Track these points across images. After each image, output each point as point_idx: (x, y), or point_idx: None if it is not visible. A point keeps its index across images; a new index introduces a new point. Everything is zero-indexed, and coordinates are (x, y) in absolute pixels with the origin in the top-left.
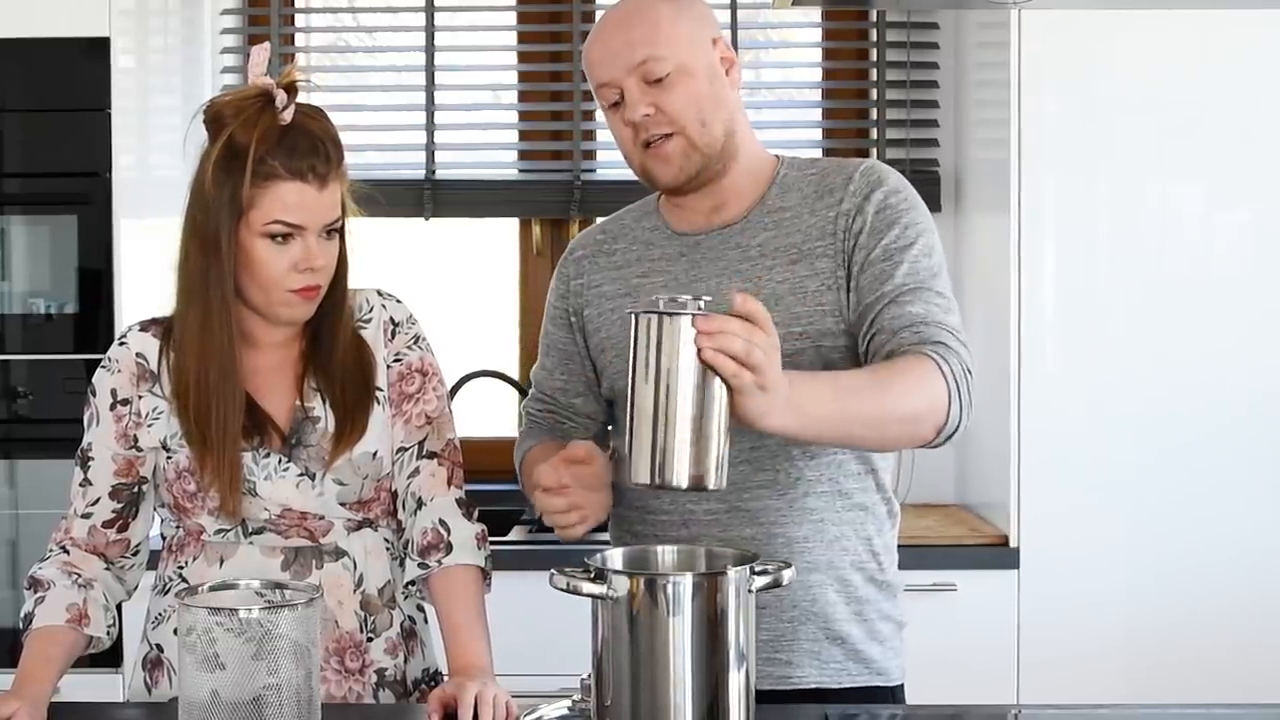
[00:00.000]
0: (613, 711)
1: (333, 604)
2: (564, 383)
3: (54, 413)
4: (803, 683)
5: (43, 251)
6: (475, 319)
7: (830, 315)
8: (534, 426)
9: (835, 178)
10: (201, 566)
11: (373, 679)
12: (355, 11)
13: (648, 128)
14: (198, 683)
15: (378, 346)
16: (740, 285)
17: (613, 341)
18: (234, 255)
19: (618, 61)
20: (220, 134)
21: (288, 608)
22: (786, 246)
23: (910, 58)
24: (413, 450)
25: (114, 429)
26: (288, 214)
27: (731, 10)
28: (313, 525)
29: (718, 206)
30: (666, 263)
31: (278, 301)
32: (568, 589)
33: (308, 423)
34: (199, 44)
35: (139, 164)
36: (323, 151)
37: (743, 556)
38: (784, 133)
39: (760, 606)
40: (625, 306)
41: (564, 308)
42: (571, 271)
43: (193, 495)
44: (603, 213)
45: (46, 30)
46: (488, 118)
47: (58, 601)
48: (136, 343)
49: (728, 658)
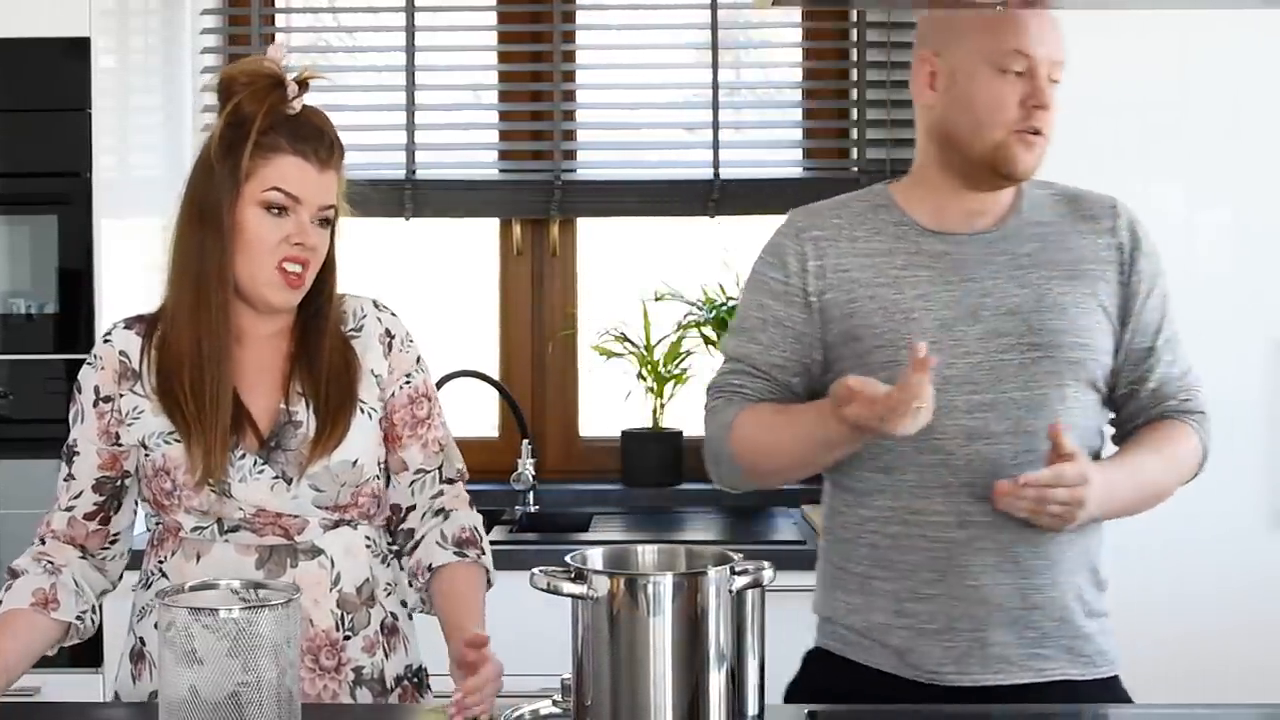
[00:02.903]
0: (593, 711)
1: (308, 603)
2: (783, 360)
3: (34, 413)
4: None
5: (23, 251)
6: (455, 319)
7: (1103, 334)
8: (739, 398)
9: (1091, 205)
10: (179, 562)
11: (349, 677)
12: (335, 11)
13: (1041, 119)
14: (177, 681)
15: (370, 358)
16: (1021, 291)
17: (871, 330)
18: (232, 228)
19: (1046, 46)
20: (228, 102)
21: (267, 608)
22: (1060, 261)
23: (891, 58)
24: (434, 474)
25: (97, 425)
26: (286, 184)
27: (712, 10)
28: (287, 524)
29: (979, 212)
30: (928, 258)
31: (264, 281)
32: (548, 589)
33: (289, 426)
34: (180, 44)
35: (120, 164)
36: (326, 140)
37: (722, 556)
38: (764, 133)
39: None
40: (882, 295)
41: (799, 286)
42: (809, 251)
43: (169, 493)
44: (583, 213)
45: (27, 30)
46: (468, 118)
47: (24, 587)
48: (120, 340)
49: (708, 657)
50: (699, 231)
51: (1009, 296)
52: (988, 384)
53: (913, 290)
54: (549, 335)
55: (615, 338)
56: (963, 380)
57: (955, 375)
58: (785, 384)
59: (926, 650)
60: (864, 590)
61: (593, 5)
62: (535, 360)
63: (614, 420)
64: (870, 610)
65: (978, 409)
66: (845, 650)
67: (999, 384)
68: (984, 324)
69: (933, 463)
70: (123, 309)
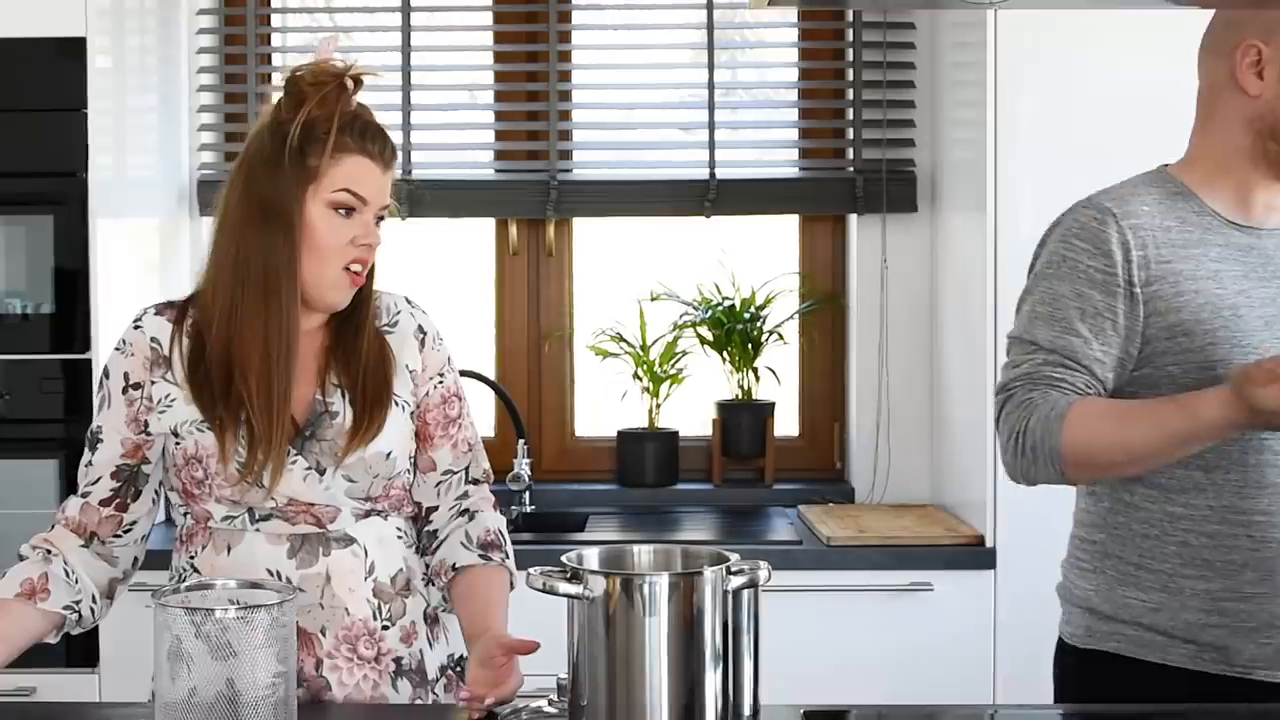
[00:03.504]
0: (589, 711)
1: (343, 591)
2: (1103, 353)
3: (30, 413)
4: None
5: (19, 251)
6: (451, 319)
7: None
8: (1056, 392)
9: None
10: (210, 555)
11: (390, 667)
12: (331, 12)
13: None
14: (173, 681)
15: (405, 352)
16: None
17: (1201, 326)
18: (300, 228)
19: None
20: (299, 107)
21: (262, 608)
22: None
23: (886, 58)
24: (461, 475)
25: (125, 413)
26: (357, 185)
27: (707, 10)
28: (320, 512)
29: (1277, 206)
30: (1238, 252)
31: (331, 283)
32: (544, 589)
33: (325, 416)
34: (175, 44)
35: (115, 164)
36: (385, 139)
37: (718, 556)
38: (760, 133)
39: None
40: (1206, 289)
41: (1125, 276)
42: (1132, 240)
43: (201, 482)
44: (579, 213)
45: (22, 30)
46: (464, 118)
47: (15, 576)
48: (151, 326)
49: (703, 657)
50: (695, 231)
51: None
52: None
53: (1233, 285)
54: (545, 335)
55: (611, 337)
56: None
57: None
58: (1103, 379)
59: (1239, 647)
60: (1169, 589)
61: (588, 5)
62: (531, 360)
63: (610, 420)
64: (1180, 609)
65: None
66: (1138, 651)
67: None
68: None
69: (1258, 462)
70: (119, 308)
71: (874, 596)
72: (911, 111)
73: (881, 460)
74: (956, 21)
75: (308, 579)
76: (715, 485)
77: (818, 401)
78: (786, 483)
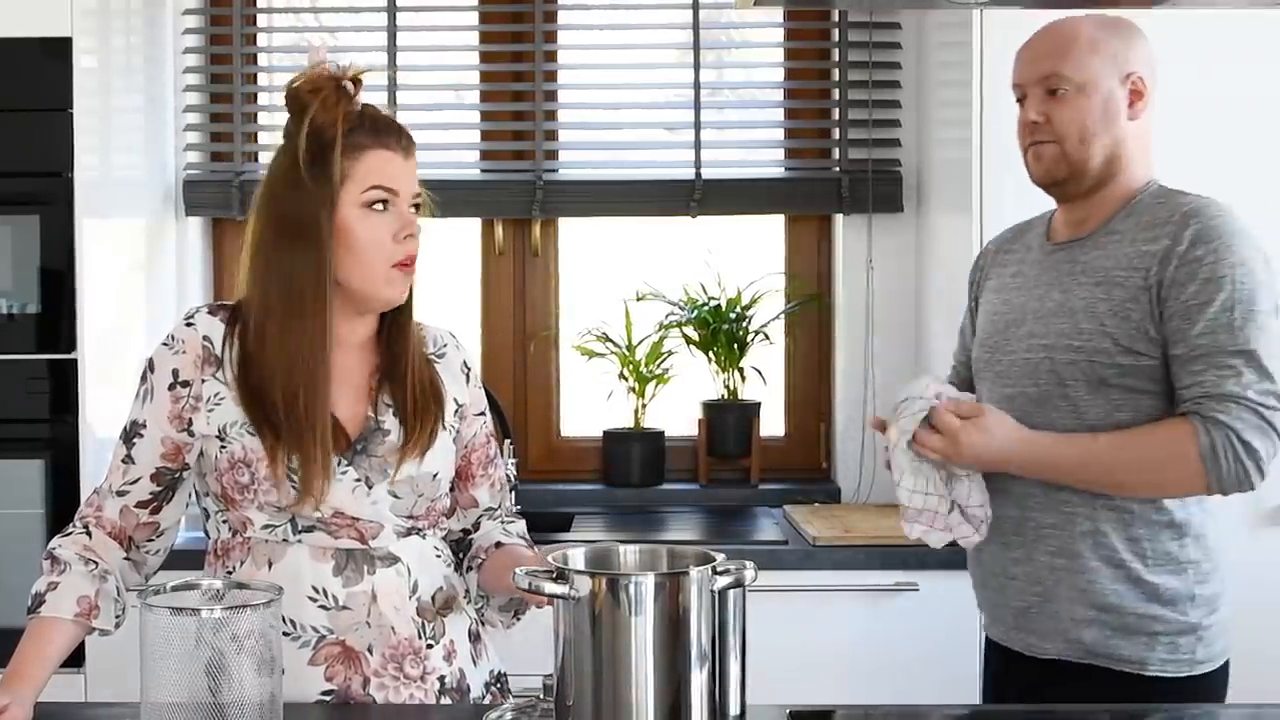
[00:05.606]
0: (575, 711)
1: (388, 610)
2: (963, 361)
3: (16, 413)
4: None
5: (4, 251)
6: (437, 319)
7: (1109, 338)
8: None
9: (1163, 211)
10: (250, 570)
11: (435, 686)
12: (317, 12)
13: (1034, 131)
14: (159, 682)
15: (453, 385)
16: (1055, 297)
17: (978, 331)
18: (333, 236)
19: (1029, 68)
20: (303, 116)
21: (248, 608)
22: (1102, 269)
23: (872, 58)
24: (499, 512)
25: (169, 409)
26: (384, 179)
27: (693, 10)
28: (364, 527)
29: (1081, 221)
30: (1034, 269)
31: (382, 280)
32: (530, 589)
33: (377, 433)
34: (161, 44)
35: (101, 164)
36: (400, 129)
37: (704, 556)
38: (746, 133)
39: None
40: (995, 305)
41: (972, 295)
42: (980, 262)
43: (246, 486)
44: (565, 213)
45: (7, 30)
46: (449, 118)
47: (70, 592)
48: (204, 325)
49: (690, 657)
50: (681, 231)
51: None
52: None
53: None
54: (531, 335)
55: (597, 337)
56: None
57: None
58: (966, 380)
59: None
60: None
61: (574, 5)
62: (517, 360)
63: (595, 420)
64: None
65: None
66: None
67: None
68: None
69: None
70: (104, 308)
71: (860, 596)
72: (897, 112)
73: (867, 460)
74: (942, 22)
75: (354, 597)
76: (701, 485)
77: (803, 401)
78: (772, 482)
